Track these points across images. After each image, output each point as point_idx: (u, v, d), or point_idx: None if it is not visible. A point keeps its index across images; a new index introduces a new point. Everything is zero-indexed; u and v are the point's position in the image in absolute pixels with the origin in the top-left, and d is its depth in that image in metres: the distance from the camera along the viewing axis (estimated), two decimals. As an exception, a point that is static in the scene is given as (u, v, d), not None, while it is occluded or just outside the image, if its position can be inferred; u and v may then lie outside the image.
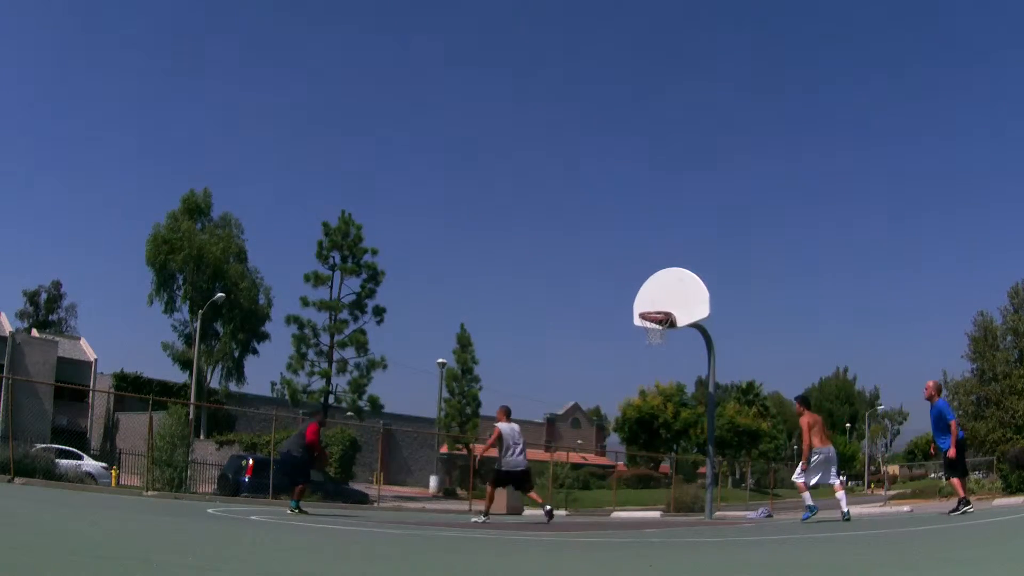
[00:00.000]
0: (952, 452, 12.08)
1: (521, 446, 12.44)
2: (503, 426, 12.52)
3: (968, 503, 12.31)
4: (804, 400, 12.47)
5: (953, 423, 12.15)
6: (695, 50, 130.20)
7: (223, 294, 39.61)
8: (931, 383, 12.71)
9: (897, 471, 63.75)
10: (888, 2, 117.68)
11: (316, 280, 37.87)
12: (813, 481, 11.86)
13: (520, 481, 12.52)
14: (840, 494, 11.96)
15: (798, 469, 12.07)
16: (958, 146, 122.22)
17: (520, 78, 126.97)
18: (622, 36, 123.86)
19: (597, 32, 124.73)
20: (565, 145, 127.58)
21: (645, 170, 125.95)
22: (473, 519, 12.87)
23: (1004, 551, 6.47)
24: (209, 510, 12.58)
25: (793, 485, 12.96)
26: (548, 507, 12.52)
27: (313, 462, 13.74)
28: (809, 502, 12.03)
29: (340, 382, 37.90)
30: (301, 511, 13.11)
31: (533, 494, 12.82)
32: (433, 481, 42.85)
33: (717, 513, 18.58)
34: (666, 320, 16.95)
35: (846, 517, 11.83)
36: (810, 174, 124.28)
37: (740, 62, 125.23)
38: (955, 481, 12.41)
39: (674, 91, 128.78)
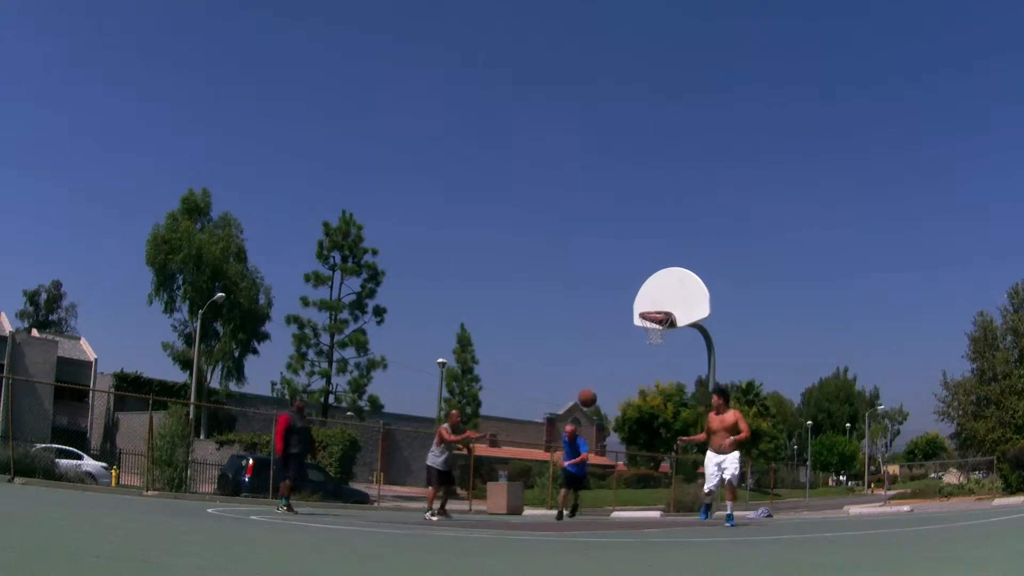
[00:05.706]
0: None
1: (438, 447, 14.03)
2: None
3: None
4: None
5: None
6: (695, 50, 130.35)
7: (223, 294, 39.52)
8: (569, 427, 16.10)
9: (897, 471, 63.76)
10: (886, 6, 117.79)
11: (316, 280, 37.91)
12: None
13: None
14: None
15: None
16: (958, 146, 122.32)
17: (521, 78, 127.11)
18: (622, 37, 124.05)
19: (598, 33, 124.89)
20: (566, 144, 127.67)
21: (645, 170, 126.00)
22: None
23: (1004, 551, 6.47)
24: (209, 510, 12.60)
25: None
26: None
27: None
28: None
29: (340, 382, 38.01)
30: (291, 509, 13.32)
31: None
32: (433, 481, 42.76)
33: (717, 513, 18.51)
34: (666, 320, 16.96)
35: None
36: (810, 174, 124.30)
37: (740, 64, 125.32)
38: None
39: (674, 92, 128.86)
